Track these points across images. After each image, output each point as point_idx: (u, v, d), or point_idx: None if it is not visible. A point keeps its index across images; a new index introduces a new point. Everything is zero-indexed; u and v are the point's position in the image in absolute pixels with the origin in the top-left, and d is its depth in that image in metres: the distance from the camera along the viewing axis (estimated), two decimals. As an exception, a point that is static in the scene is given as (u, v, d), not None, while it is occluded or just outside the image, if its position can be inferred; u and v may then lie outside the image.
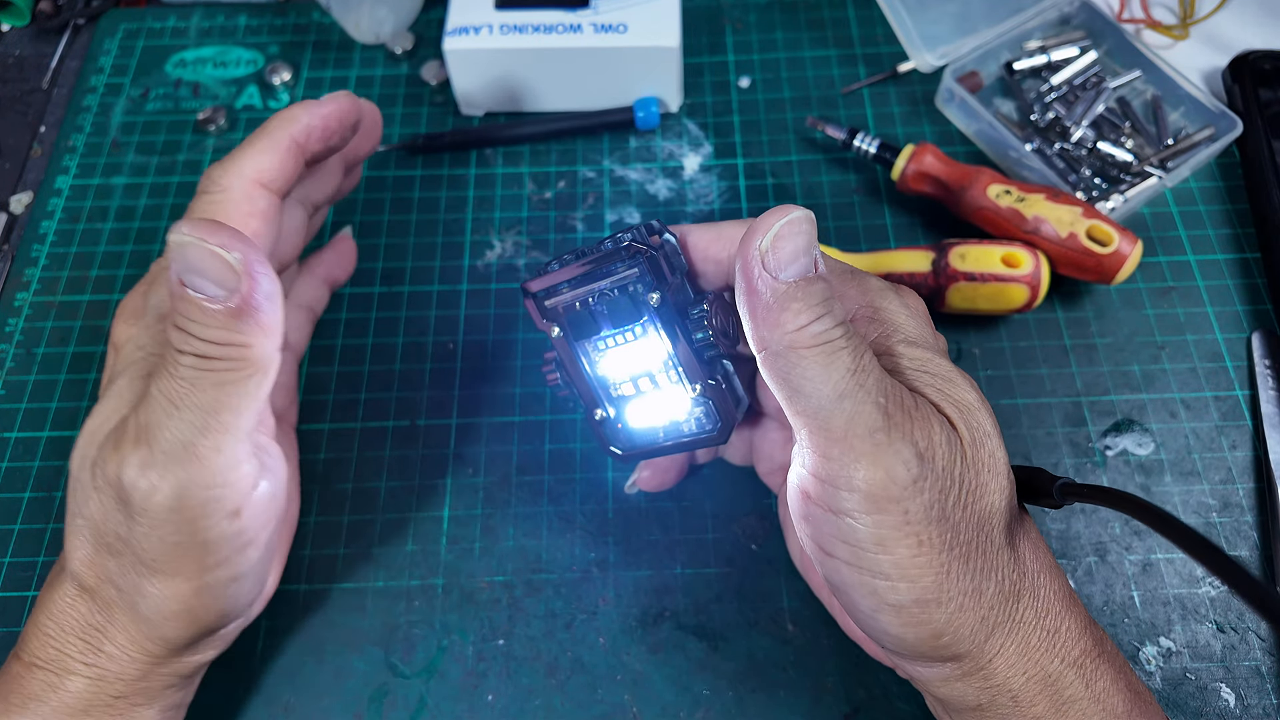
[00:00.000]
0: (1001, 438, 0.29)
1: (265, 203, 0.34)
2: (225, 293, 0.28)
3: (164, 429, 0.28)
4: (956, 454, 0.27)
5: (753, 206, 0.49)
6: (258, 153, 0.34)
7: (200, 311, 0.28)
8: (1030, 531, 0.30)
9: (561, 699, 0.37)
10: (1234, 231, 0.47)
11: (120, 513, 0.29)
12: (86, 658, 0.30)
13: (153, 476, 0.28)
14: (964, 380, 0.29)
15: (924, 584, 0.26)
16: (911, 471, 0.26)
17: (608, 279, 0.31)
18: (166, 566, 0.29)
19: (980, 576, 0.27)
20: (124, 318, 0.34)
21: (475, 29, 0.48)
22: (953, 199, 0.45)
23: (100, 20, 0.57)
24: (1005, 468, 0.28)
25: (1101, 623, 0.38)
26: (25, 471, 0.42)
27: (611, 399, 0.34)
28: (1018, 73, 0.51)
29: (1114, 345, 0.44)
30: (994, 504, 0.27)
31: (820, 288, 0.27)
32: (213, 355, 0.28)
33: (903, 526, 0.26)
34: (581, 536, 0.40)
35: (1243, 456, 0.41)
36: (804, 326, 0.26)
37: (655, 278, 0.31)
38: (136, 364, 0.31)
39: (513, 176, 0.50)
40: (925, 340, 0.29)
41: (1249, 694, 0.36)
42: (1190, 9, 0.53)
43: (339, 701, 0.37)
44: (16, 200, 0.50)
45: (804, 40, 0.54)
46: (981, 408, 0.28)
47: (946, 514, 0.26)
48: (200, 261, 0.27)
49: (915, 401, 0.27)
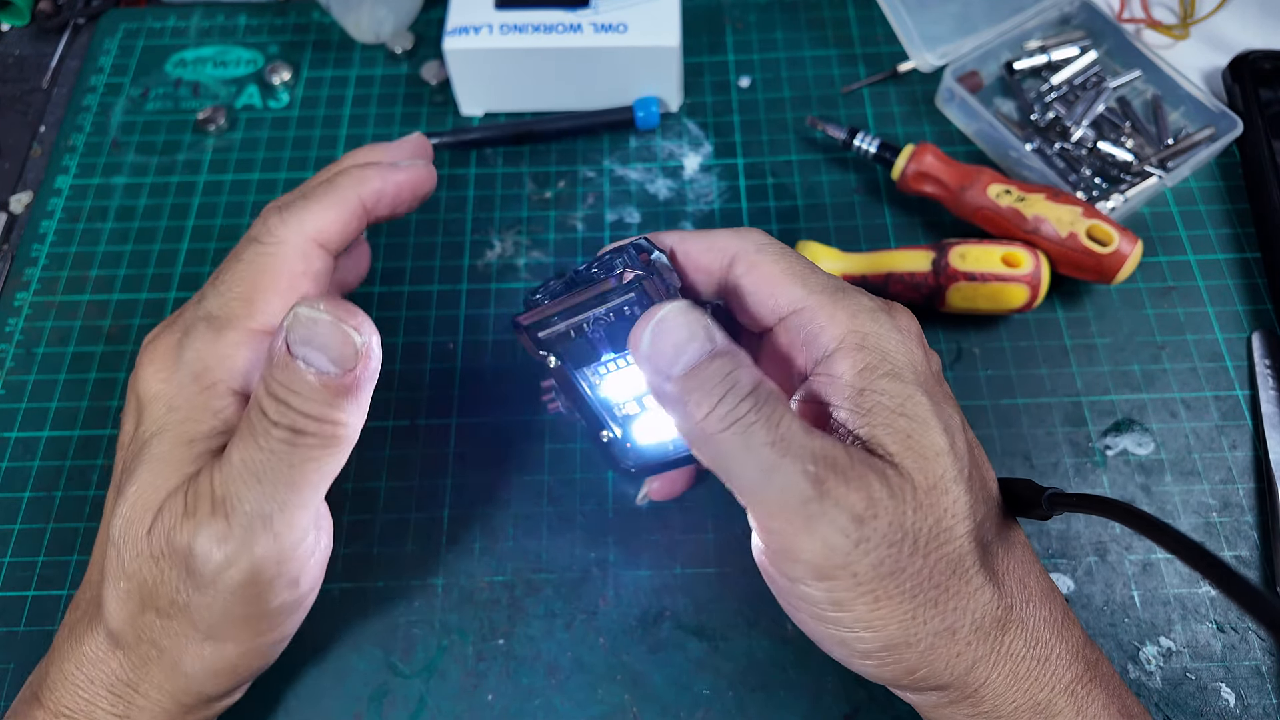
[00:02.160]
0: (969, 478, 0.28)
1: (320, 264, 0.32)
2: (338, 370, 0.27)
3: (244, 501, 0.27)
4: (906, 506, 0.26)
5: (752, 206, 0.49)
6: (322, 210, 0.32)
7: (306, 385, 0.27)
8: (1017, 553, 0.29)
9: (561, 699, 0.37)
10: (1234, 231, 0.47)
11: (182, 581, 0.28)
12: (116, 709, 0.30)
13: (229, 550, 0.27)
14: (937, 422, 0.27)
15: (889, 632, 0.26)
16: (850, 537, 0.25)
17: (601, 306, 0.31)
18: (222, 634, 0.29)
19: (954, 616, 0.26)
20: (153, 368, 0.31)
21: (475, 29, 0.48)
22: (953, 199, 0.45)
23: (100, 20, 0.57)
24: (970, 510, 0.27)
25: (1101, 623, 0.38)
26: (25, 471, 0.42)
27: (617, 419, 0.34)
28: (1018, 72, 0.51)
29: (1114, 345, 0.44)
30: (963, 547, 0.27)
31: (716, 368, 0.26)
32: (308, 431, 0.27)
33: (855, 588, 0.26)
34: (581, 536, 0.40)
35: (1243, 456, 0.41)
36: (709, 413, 0.26)
37: (652, 299, 0.30)
38: (171, 430, 0.30)
39: (513, 176, 0.50)
40: (913, 369, 0.28)
41: (1249, 694, 0.36)
42: (1190, 9, 0.53)
43: (339, 701, 0.37)
44: (16, 200, 0.50)
45: (804, 40, 0.54)
46: (946, 453, 0.27)
47: (901, 566, 0.26)
48: (328, 339, 0.27)
49: (852, 458, 0.26)
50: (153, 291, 0.47)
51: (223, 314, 0.31)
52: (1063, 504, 0.28)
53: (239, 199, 0.50)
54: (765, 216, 0.48)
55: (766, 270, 0.30)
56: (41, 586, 0.40)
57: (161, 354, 0.31)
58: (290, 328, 0.27)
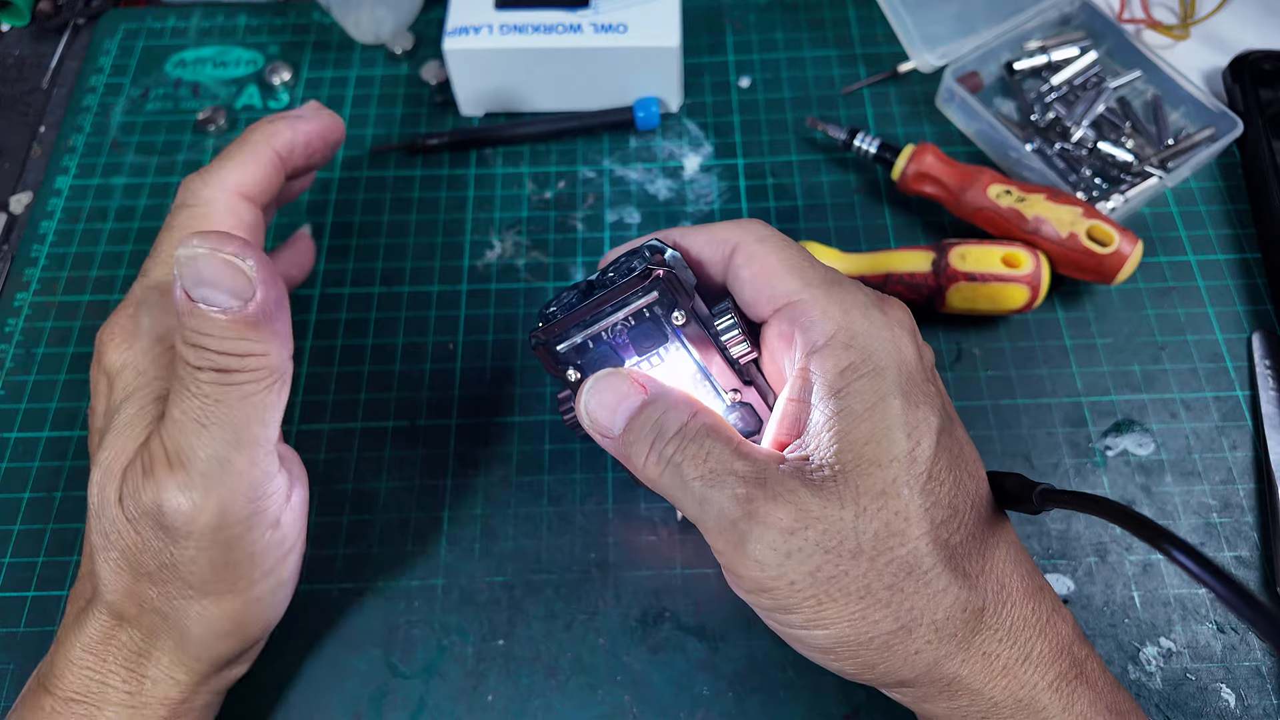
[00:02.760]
0: (926, 483, 0.28)
1: (249, 216, 0.34)
2: (240, 303, 0.27)
3: (197, 449, 0.28)
4: (845, 512, 0.27)
5: (752, 207, 0.49)
6: (239, 164, 0.34)
7: (215, 325, 0.27)
8: (1000, 551, 0.29)
9: (561, 699, 0.37)
10: (1234, 231, 0.47)
11: (161, 540, 0.29)
12: (130, 686, 0.30)
13: (195, 497, 0.28)
14: (903, 427, 0.28)
15: (839, 629, 0.27)
16: (779, 550, 0.26)
17: (622, 311, 0.31)
18: (216, 586, 0.30)
19: (909, 615, 0.27)
20: (114, 343, 0.32)
21: (475, 29, 0.48)
22: (953, 199, 0.45)
23: (100, 20, 0.57)
24: (924, 512, 0.27)
25: (1101, 623, 0.38)
26: (25, 471, 0.42)
27: None
28: (1018, 73, 0.50)
29: (1114, 345, 0.44)
30: (917, 549, 0.27)
31: (645, 416, 0.29)
32: (233, 368, 0.28)
33: (794, 594, 0.27)
34: (581, 536, 0.40)
35: (1243, 457, 0.41)
36: (645, 460, 0.29)
37: (675, 296, 0.31)
38: (141, 390, 0.30)
39: (513, 176, 0.50)
40: (899, 367, 0.29)
41: (1249, 694, 0.36)
42: (1190, 9, 0.53)
43: (339, 701, 0.37)
44: (16, 200, 0.50)
45: (804, 40, 0.54)
46: (902, 459, 0.27)
47: (843, 569, 0.27)
48: (213, 273, 0.27)
49: (781, 475, 0.27)
50: (153, 292, 0.47)
51: (169, 279, 0.32)
52: (1054, 500, 0.28)
53: (239, 199, 0.50)
54: (765, 217, 0.48)
55: (765, 261, 0.31)
56: (41, 587, 0.40)
57: (120, 329, 0.32)
58: (179, 272, 0.27)
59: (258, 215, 0.34)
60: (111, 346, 0.32)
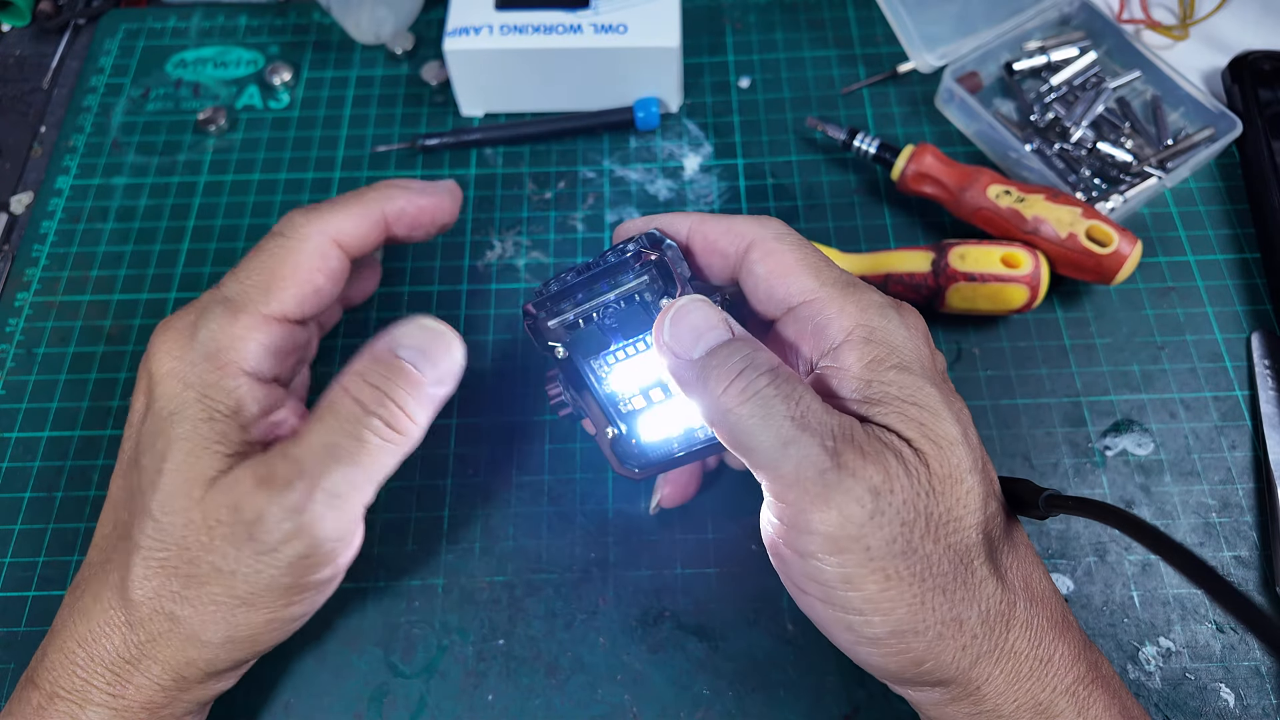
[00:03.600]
0: (982, 471, 0.28)
1: (337, 263, 0.34)
2: (438, 379, 0.32)
3: (324, 479, 0.29)
4: (920, 489, 0.26)
5: (752, 207, 0.49)
6: (344, 213, 0.34)
7: (413, 386, 0.31)
8: (1021, 552, 0.29)
9: (561, 699, 0.37)
10: (1234, 231, 0.47)
11: (236, 548, 0.29)
12: (113, 689, 0.30)
13: (300, 522, 0.29)
14: (949, 413, 0.28)
15: (898, 615, 0.26)
16: (866, 508, 0.26)
17: (613, 292, 0.31)
18: (259, 601, 0.30)
19: (961, 606, 0.27)
20: (166, 348, 0.32)
21: (475, 29, 0.48)
22: (953, 199, 0.45)
23: (100, 20, 0.57)
24: (983, 501, 0.28)
25: (1101, 623, 0.38)
26: (25, 471, 0.42)
27: (622, 415, 0.34)
28: (1017, 73, 0.51)
29: (1114, 345, 0.44)
30: (971, 538, 0.27)
31: (733, 349, 0.28)
32: (396, 425, 0.31)
33: (867, 563, 0.26)
34: (581, 536, 0.40)
35: (1242, 457, 0.41)
36: (728, 387, 0.27)
37: (666, 282, 0.31)
38: (189, 408, 0.31)
39: (513, 176, 0.50)
40: (921, 364, 0.29)
41: (1249, 694, 0.36)
42: (1190, 9, 0.53)
43: (339, 701, 0.37)
44: (17, 200, 0.51)
45: (804, 40, 0.54)
46: (960, 443, 0.27)
47: (914, 546, 0.26)
48: (440, 350, 0.31)
49: (869, 435, 0.27)
50: (153, 292, 0.47)
51: (239, 298, 0.32)
52: (1059, 506, 0.29)
53: (239, 199, 0.50)
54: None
55: (782, 259, 0.31)
56: (42, 587, 0.40)
57: (175, 335, 0.32)
58: (407, 333, 0.31)
59: (346, 265, 0.35)
60: (163, 351, 0.32)
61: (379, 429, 0.30)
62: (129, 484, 0.32)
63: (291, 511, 0.29)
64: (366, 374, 0.31)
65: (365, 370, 0.31)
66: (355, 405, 0.30)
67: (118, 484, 0.33)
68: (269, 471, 0.30)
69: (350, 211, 0.35)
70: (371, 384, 0.31)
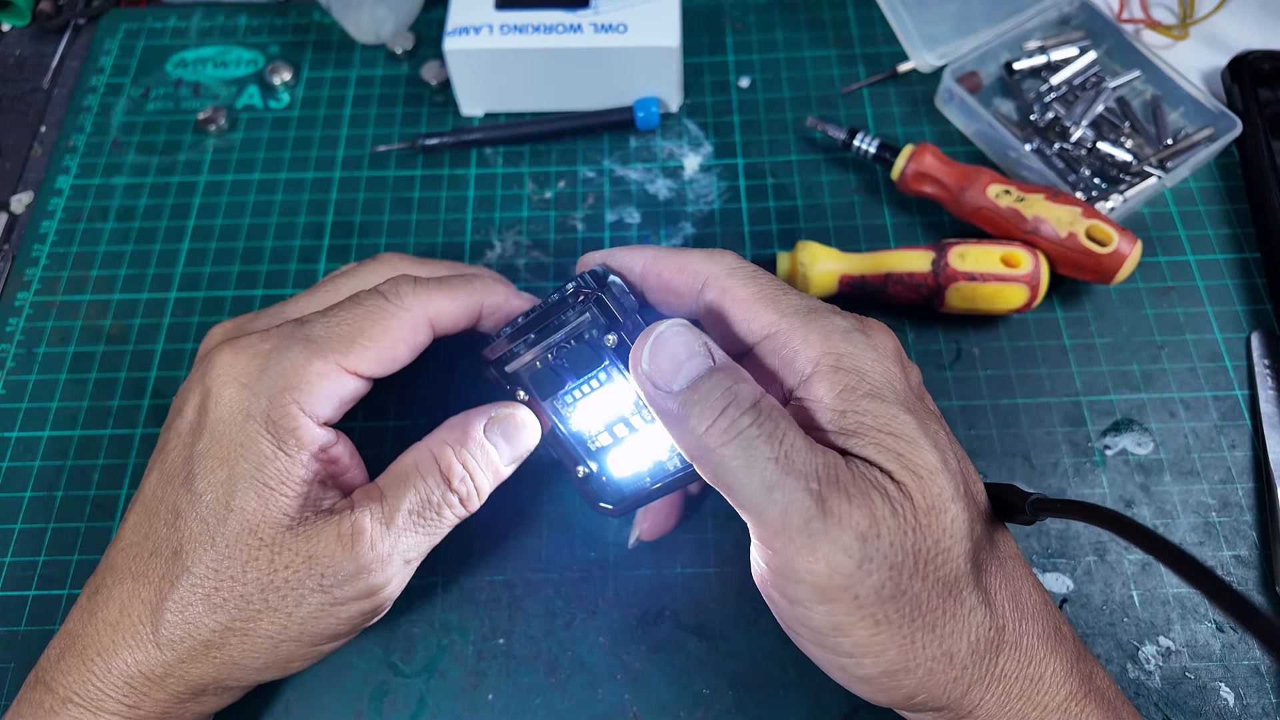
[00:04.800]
0: (965, 495, 0.27)
1: (424, 339, 0.34)
2: (511, 461, 0.34)
3: (402, 546, 0.31)
4: (907, 526, 0.26)
5: (752, 206, 0.49)
6: (449, 298, 0.34)
7: (492, 468, 0.33)
8: (1009, 567, 0.29)
9: (561, 698, 0.37)
10: (1233, 231, 0.47)
11: (302, 596, 0.30)
12: (130, 700, 0.30)
13: (373, 581, 0.31)
14: (926, 440, 0.27)
15: (889, 657, 0.26)
16: (854, 558, 0.25)
17: (562, 330, 0.31)
18: (306, 638, 0.31)
19: (951, 640, 0.26)
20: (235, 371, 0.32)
21: (475, 29, 0.48)
22: (952, 199, 0.45)
23: (101, 20, 0.57)
24: (968, 528, 0.27)
25: (1100, 622, 0.38)
26: (25, 471, 0.42)
27: (591, 453, 0.34)
28: (1017, 73, 0.51)
29: (1113, 345, 0.44)
30: (959, 568, 0.26)
31: (716, 381, 0.27)
32: (465, 503, 0.33)
33: (856, 611, 0.25)
34: (581, 536, 0.40)
35: (1242, 456, 0.41)
36: (710, 426, 0.26)
37: (608, 319, 0.30)
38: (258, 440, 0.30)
39: (513, 176, 0.50)
40: (893, 387, 0.28)
41: (1248, 693, 0.36)
42: (1190, 9, 0.53)
43: (339, 700, 0.37)
44: (17, 200, 0.51)
45: (804, 40, 0.54)
46: (941, 471, 0.27)
47: (902, 588, 0.26)
48: (519, 436, 0.33)
49: (854, 475, 0.26)
50: (153, 291, 0.47)
51: (322, 344, 0.32)
52: (1046, 509, 0.28)
53: (240, 199, 0.50)
54: (765, 216, 0.48)
55: (737, 294, 0.30)
56: (42, 586, 0.40)
57: (245, 359, 0.32)
58: (502, 420, 0.33)
59: (429, 341, 0.35)
60: (230, 374, 0.32)
61: (455, 505, 0.32)
62: (175, 502, 0.31)
63: (368, 573, 0.30)
64: (457, 449, 0.32)
65: (455, 444, 0.33)
66: (443, 479, 0.32)
67: (156, 494, 0.32)
68: (354, 531, 0.30)
69: (454, 296, 0.35)
70: (460, 461, 0.32)
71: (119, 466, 0.42)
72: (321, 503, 0.32)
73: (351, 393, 0.33)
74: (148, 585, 0.30)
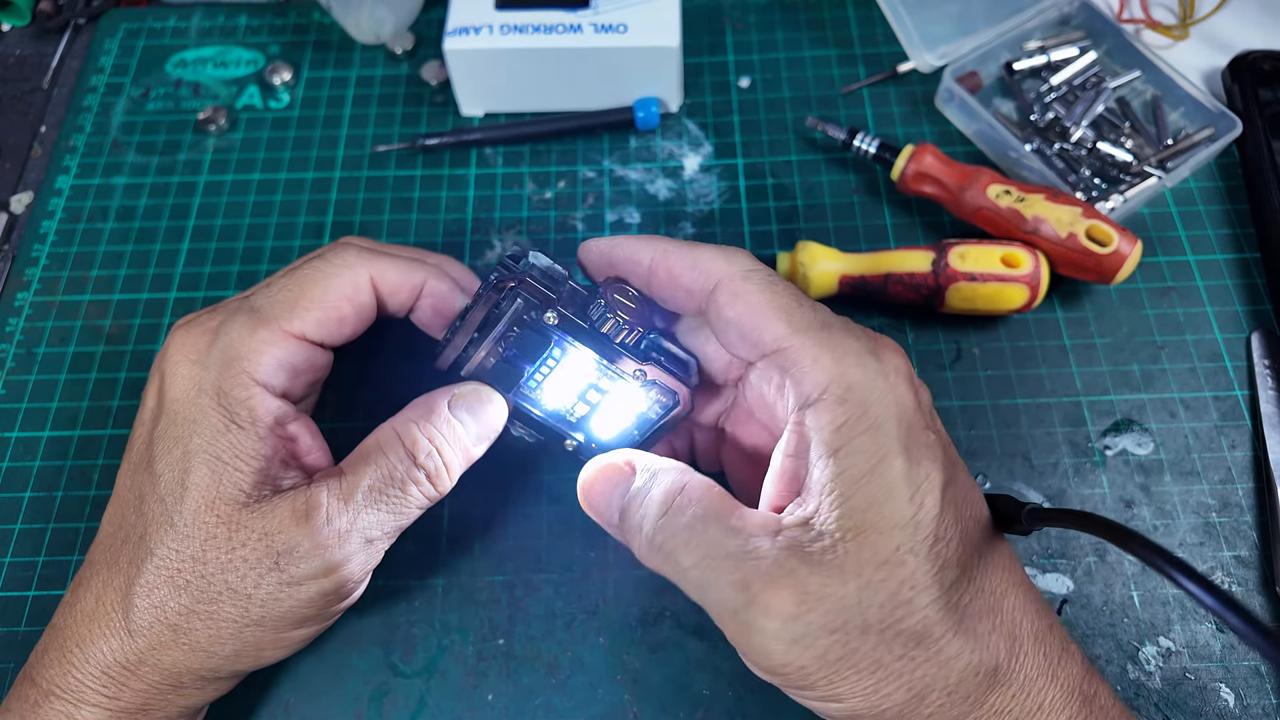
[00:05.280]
0: (933, 543, 0.27)
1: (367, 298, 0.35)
2: (478, 438, 0.33)
3: (362, 523, 0.30)
4: (848, 588, 0.26)
5: (752, 206, 0.49)
6: (391, 263, 0.35)
7: (460, 444, 0.32)
8: (1009, 600, 0.28)
9: (561, 698, 0.37)
10: (1234, 231, 0.47)
11: (260, 574, 0.29)
12: (108, 690, 0.30)
13: (330, 559, 0.30)
14: (906, 488, 0.27)
15: (853, 704, 0.26)
16: (783, 640, 0.26)
17: (501, 322, 0.31)
18: (271, 623, 0.30)
19: (922, 684, 0.26)
20: (185, 350, 0.32)
21: (475, 29, 0.48)
22: (952, 199, 0.45)
23: (101, 20, 0.57)
24: (935, 576, 0.26)
25: (1101, 623, 0.38)
26: (25, 471, 0.42)
27: (573, 425, 0.34)
28: (1017, 73, 0.51)
29: (1113, 345, 0.44)
30: (927, 616, 0.26)
31: (634, 505, 0.30)
32: (438, 482, 0.32)
33: (806, 678, 0.26)
34: (581, 536, 0.40)
35: (1242, 456, 0.41)
36: (639, 547, 0.30)
37: (540, 299, 0.30)
38: (210, 414, 0.31)
39: (513, 176, 0.50)
40: (899, 418, 0.28)
41: (1248, 694, 0.36)
42: (1190, 9, 0.53)
43: (339, 700, 0.37)
44: (17, 200, 0.51)
45: (804, 40, 0.54)
46: (906, 524, 0.26)
47: (853, 648, 0.26)
48: (488, 415, 0.32)
49: (779, 555, 0.26)
50: (153, 292, 0.47)
51: (265, 311, 0.32)
52: (1042, 519, 0.28)
53: (240, 199, 0.50)
54: (765, 216, 0.48)
55: (751, 301, 0.29)
56: (42, 586, 0.40)
57: (195, 337, 0.32)
58: (467, 395, 0.32)
59: (374, 306, 0.35)
60: (180, 353, 0.32)
61: (422, 481, 0.32)
62: (139, 487, 0.32)
63: (324, 550, 0.30)
64: (421, 424, 0.32)
65: (420, 420, 0.32)
66: (407, 455, 0.31)
67: (125, 483, 0.33)
68: (308, 506, 0.30)
69: (399, 263, 0.35)
70: (426, 435, 0.32)
71: (119, 467, 0.42)
72: (281, 482, 0.31)
73: (303, 359, 0.33)
74: (119, 573, 0.31)
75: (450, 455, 0.32)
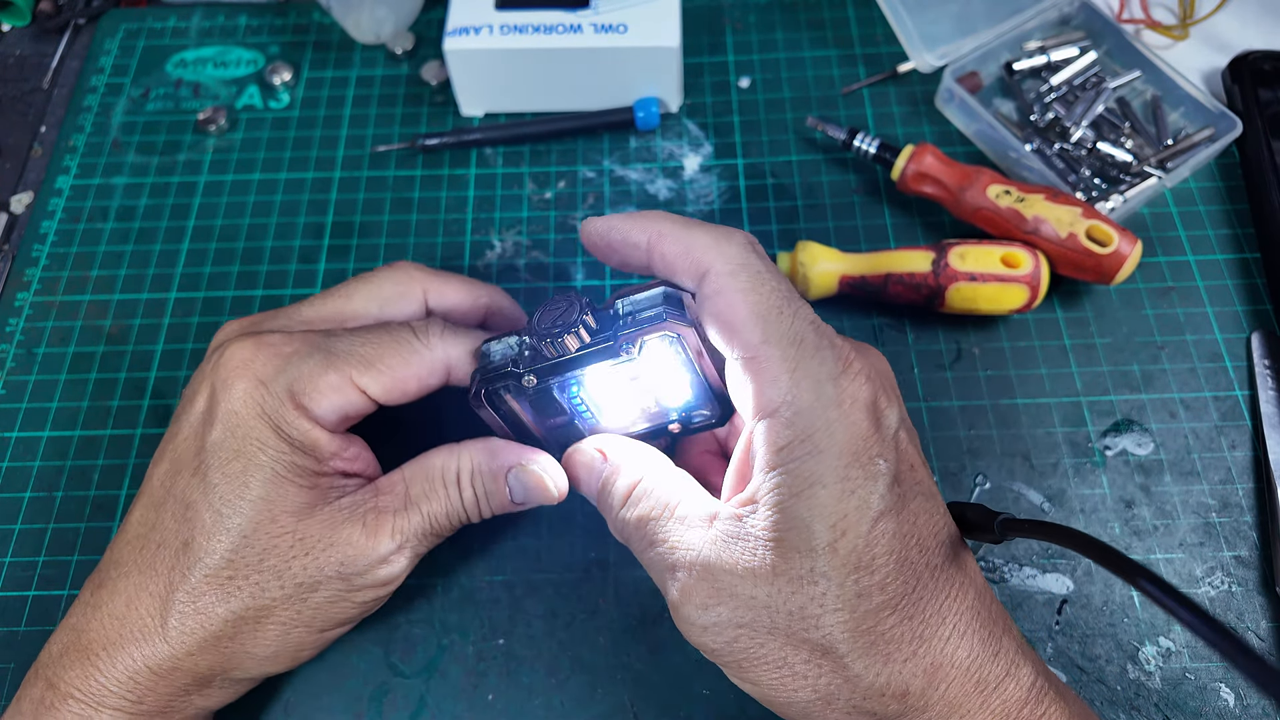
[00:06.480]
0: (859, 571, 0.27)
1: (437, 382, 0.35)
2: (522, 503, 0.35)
3: (417, 544, 0.33)
4: (758, 591, 0.27)
5: (752, 206, 0.49)
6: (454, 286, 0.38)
7: (503, 505, 0.34)
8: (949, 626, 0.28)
9: (561, 698, 0.37)
10: (1234, 231, 0.47)
11: (318, 581, 0.31)
12: (133, 695, 0.30)
13: (390, 573, 0.32)
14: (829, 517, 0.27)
15: (765, 691, 0.29)
16: (696, 623, 0.29)
17: (504, 420, 0.34)
18: (320, 625, 0.32)
19: (827, 689, 0.28)
20: (252, 368, 0.32)
21: (475, 29, 0.48)
22: (952, 199, 0.45)
23: (101, 20, 0.57)
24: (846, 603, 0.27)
25: (1100, 623, 0.38)
26: (25, 471, 0.42)
27: (658, 415, 0.34)
28: (1017, 73, 0.51)
29: (1113, 345, 0.44)
30: (832, 635, 0.27)
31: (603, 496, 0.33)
32: (471, 518, 0.34)
33: (718, 658, 0.29)
34: (581, 536, 0.40)
35: (1242, 456, 0.41)
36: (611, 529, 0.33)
37: (508, 381, 0.32)
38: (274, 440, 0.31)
39: (513, 176, 0.50)
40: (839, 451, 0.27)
41: (1248, 694, 0.36)
42: (1190, 9, 0.53)
43: (339, 700, 0.37)
44: (17, 200, 0.51)
45: (804, 40, 0.54)
46: (822, 550, 0.27)
47: (759, 643, 0.28)
48: (532, 487, 0.34)
49: (708, 548, 0.29)
50: (153, 292, 0.47)
51: (343, 358, 0.33)
52: (1015, 529, 0.29)
53: (240, 199, 0.50)
54: (765, 216, 0.48)
55: (732, 300, 0.29)
56: (42, 586, 0.40)
57: (264, 357, 0.32)
58: (525, 469, 0.34)
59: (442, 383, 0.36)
60: (247, 371, 0.32)
61: (460, 516, 0.34)
62: (186, 493, 0.31)
63: (386, 564, 0.32)
64: (477, 476, 0.34)
65: (480, 470, 0.34)
66: (458, 495, 0.34)
67: (164, 484, 0.32)
68: (378, 521, 0.32)
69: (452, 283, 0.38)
70: (485, 488, 0.34)
71: (119, 467, 0.42)
72: (339, 495, 0.33)
73: (357, 410, 0.34)
74: (156, 578, 0.31)
75: (489, 509, 0.35)
